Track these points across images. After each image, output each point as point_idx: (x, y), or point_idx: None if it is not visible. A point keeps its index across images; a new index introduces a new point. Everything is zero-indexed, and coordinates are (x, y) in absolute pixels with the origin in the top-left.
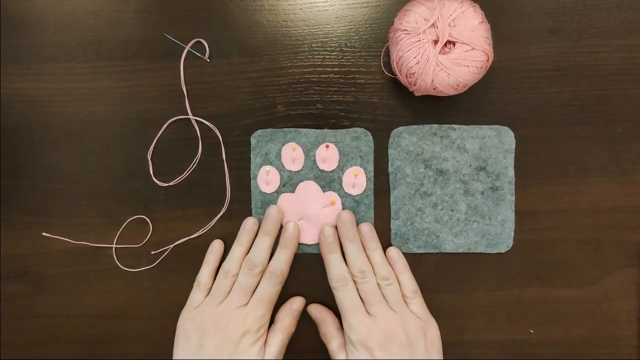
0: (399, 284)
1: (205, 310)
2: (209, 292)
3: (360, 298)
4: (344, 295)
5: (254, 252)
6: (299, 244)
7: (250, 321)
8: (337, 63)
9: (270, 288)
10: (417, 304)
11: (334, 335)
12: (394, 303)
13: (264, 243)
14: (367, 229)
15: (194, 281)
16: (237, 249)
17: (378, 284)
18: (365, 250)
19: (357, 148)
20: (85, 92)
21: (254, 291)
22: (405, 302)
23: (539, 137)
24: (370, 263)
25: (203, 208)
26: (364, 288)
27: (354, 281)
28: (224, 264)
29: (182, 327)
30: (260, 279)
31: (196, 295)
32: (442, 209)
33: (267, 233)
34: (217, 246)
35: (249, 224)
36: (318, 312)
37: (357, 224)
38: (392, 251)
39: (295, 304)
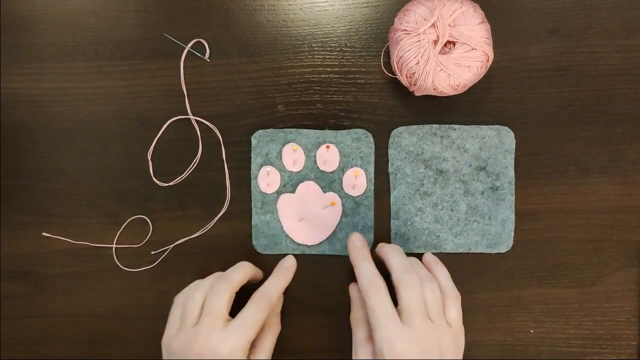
0: (441, 289)
1: (180, 335)
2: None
3: (396, 306)
4: (377, 302)
5: (227, 271)
6: (299, 244)
7: (228, 350)
8: (337, 63)
9: (256, 313)
10: (456, 311)
11: (364, 323)
12: (434, 313)
13: (243, 266)
14: (431, 257)
15: (192, 281)
16: (215, 274)
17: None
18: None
19: (358, 149)
20: (85, 92)
21: (237, 314)
22: (445, 306)
23: (539, 137)
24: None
25: (203, 208)
26: (409, 295)
27: (397, 287)
28: (190, 285)
29: (164, 346)
30: (234, 300)
31: (175, 312)
32: (442, 209)
33: (247, 264)
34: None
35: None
36: (357, 292)
37: (373, 243)
38: (429, 255)
39: (276, 303)
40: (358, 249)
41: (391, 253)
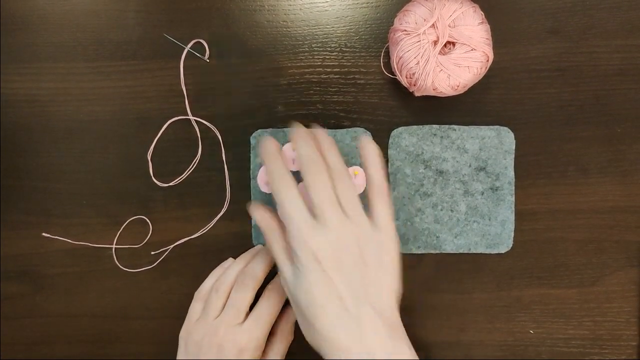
0: (367, 181)
1: (201, 326)
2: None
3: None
4: (286, 199)
5: (250, 265)
6: None
7: (246, 341)
8: (337, 63)
9: (271, 307)
10: (381, 209)
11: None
12: (349, 207)
13: (263, 258)
14: (322, 132)
15: (196, 289)
16: (235, 266)
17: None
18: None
19: (357, 148)
20: (85, 92)
21: (251, 309)
22: (369, 203)
23: (539, 137)
24: (326, 163)
25: (203, 208)
26: (314, 187)
27: (303, 180)
28: (217, 278)
29: (182, 339)
30: (255, 297)
31: (195, 306)
32: (442, 210)
33: (267, 254)
34: (227, 264)
35: (258, 248)
36: (271, 220)
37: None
38: (363, 137)
39: (291, 312)
40: (270, 154)
41: (298, 142)
